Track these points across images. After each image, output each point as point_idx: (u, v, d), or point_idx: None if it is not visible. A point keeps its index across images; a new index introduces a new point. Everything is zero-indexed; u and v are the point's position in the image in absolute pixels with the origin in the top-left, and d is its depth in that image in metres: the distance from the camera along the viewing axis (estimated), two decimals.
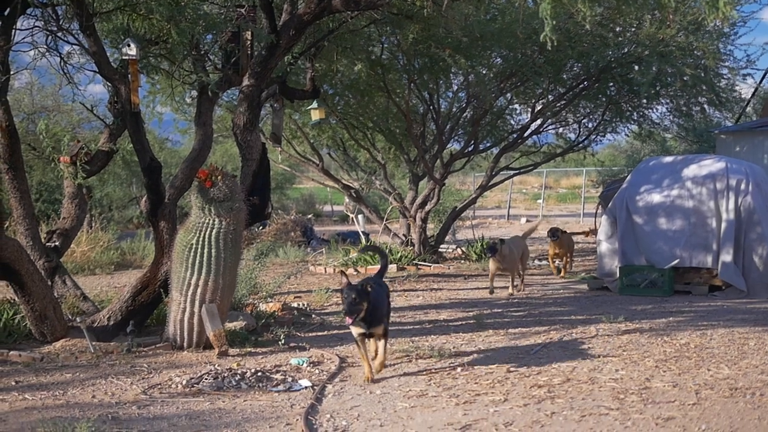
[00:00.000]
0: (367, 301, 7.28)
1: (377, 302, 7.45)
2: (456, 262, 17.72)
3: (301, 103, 15.40)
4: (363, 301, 7.24)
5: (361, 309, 7.25)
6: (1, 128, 9.84)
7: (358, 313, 7.24)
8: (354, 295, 7.21)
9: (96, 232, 19.35)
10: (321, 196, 37.69)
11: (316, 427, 6.18)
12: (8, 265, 8.87)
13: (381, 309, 7.53)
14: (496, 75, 16.05)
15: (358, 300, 7.21)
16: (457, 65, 14.38)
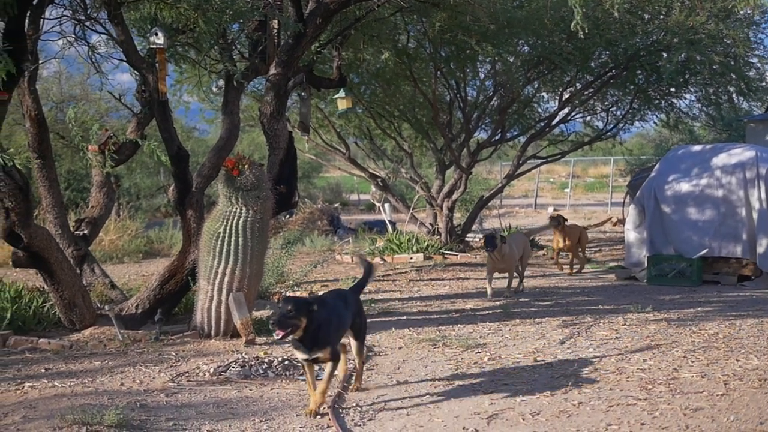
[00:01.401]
0: (307, 317, 5.94)
1: (324, 322, 6.11)
2: (483, 252, 17.65)
3: (327, 92, 15.39)
4: (300, 317, 5.91)
5: (295, 325, 5.89)
6: (30, 117, 9.90)
7: (290, 328, 5.87)
8: (289, 307, 5.90)
9: (124, 220, 19.47)
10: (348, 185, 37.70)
11: (343, 416, 6.18)
12: (37, 253, 8.93)
13: (328, 330, 6.20)
14: (524, 63, 15.97)
15: (294, 314, 5.89)
16: (483, 53, 14.32)
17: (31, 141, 10.05)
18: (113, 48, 10.17)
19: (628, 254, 13.68)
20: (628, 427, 5.76)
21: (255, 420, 6.11)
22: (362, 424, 5.99)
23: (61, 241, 10.05)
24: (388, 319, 10.06)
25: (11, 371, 7.75)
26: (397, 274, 14.52)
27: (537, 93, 18.14)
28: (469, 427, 5.84)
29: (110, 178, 11.06)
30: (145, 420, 6.12)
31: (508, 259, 11.53)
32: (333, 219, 22.88)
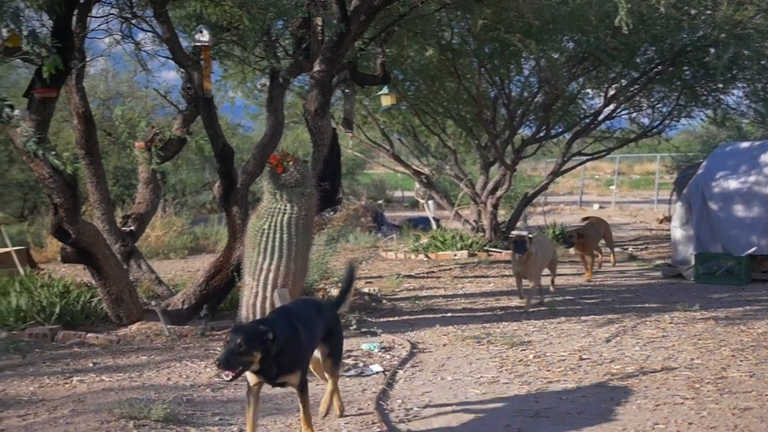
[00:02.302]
0: (261, 350, 4.98)
1: (287, 344, 5.16)
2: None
3: (371, 88, 15.40)
4: (252, 351, 4.95)
5: (247, 362, 4.96)
6: (77, 114, 10.01)
7: (240, 367, 4.93)
8: (239, 340, 4.92)
9: (170, 216, 19.62)
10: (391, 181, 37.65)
11: (388, 412, 6.19)
12: (85, 249, 9.03)
13: (294, 351, 5.26)
14: (568, 59, 15.84)
15: (245, 348, 4.92)
16: (527, 50, 14.23)
17: (78, 138, 10.17)
18: (159, 45, 10.25)
19: (674, 252, 13.54)
20: (675, 427, 5.70)
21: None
22: (407, 420, 5.99)
23: (108, 237, 10.15)
24: (432, 316, 10.05)
25: (60, 365, 7.85)
26: (441, 271, 14.50)
27: (582, 89, 17.99)
28: (514, 424, 5.82)
29: (156, 174, 11.15)
30: (192, 414, 6.16)
31: (532, 263, 10.64)
32: (377, 216, 22.87)
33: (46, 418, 6.17)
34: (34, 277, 10.68)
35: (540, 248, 10.81)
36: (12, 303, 9.54)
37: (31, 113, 8.31)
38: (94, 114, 10.56)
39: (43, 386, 7.13)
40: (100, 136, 11.78)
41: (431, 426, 5.83)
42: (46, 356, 8.26)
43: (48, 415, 6.24)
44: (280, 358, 5.12)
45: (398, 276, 13.00)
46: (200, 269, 10.79)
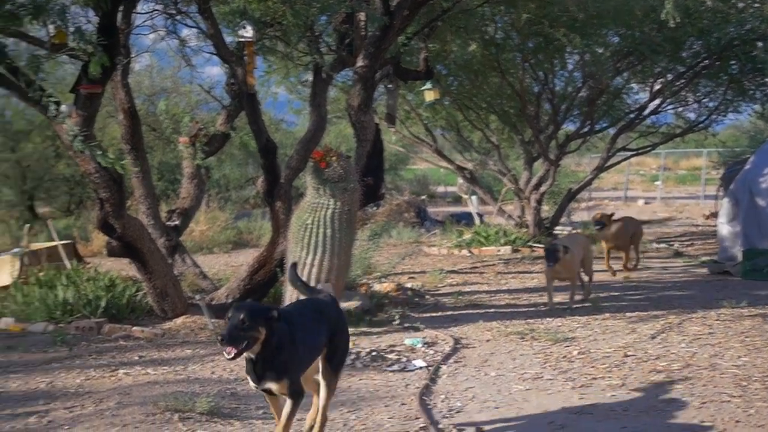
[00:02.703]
0: (267, 327, 4.69)
1: (285, 343, 4.80)
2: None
3: (414, 83, 15.36)
4: (257, 326, 4.65)
5: (252, 338, 4.65)
6: (123, 110, 10.11)
7: (245, 342, 4.63)
8: (242, 316, 4.63)
9: (214, 211, 19.74)
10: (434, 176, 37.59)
11: (431, 408, 6.18)
12: (130, 243, 9.11)
13: (287, 355, 4.81)
14: (613, 54, 15.70)
15: (249, 324, 4.63)
16: (572, 44, 14.13)
17: (124, 133, 10.27)
18: (203, 41, 10.31)
19: (721, 248, 13.39)
20: (721, 424, 5.63)
21: (343, 410, 6.14)
22: (450, 416, 5.97)
23: (153, 231, 10.23)
24: (475, 312, 10.02)
25: (106, 358, 7.94)
26: (484, 266, 14.45)
27: (627, 84, 17.81)
28: (558, 421, 5.78)
29: (201, 169, 11.22)
30: (236, 408, 6.20)
31: (569, 266, 10.26)
32: (420, 211, 22.83)
33: (92, 410, 6.24)
34: (81, 271, 10.80)
35: (574, 246, 10.48)
36: (59, 296, 9.66)
37: (78, 109, 8.39)
38: (139, 109, 10.67)
39: (90, 379, 7.21)
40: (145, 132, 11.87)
41: (474, 421, 5.81)
42: (92, 349, 8.36)
43: (94, 407, 6.31)
44: (273, 356, 4.72)
45: (441, 271, 12.97)
46: (244, 264, 10.84)
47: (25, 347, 8.46)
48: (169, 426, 5.75)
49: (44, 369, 7.60)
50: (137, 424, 5.78)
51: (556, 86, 17.50)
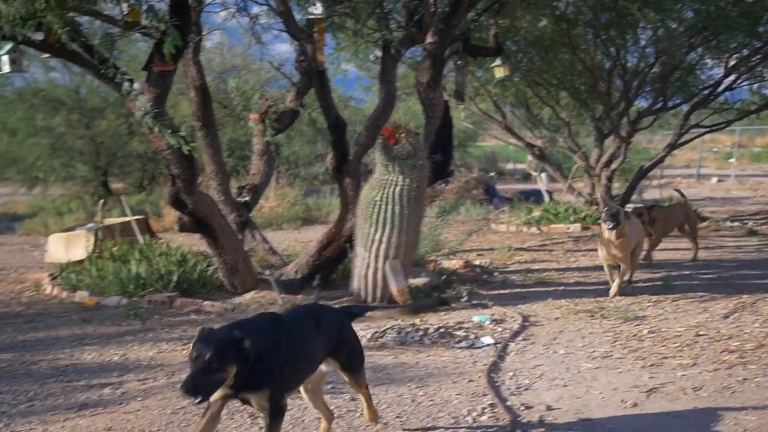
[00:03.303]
0: (238, 362, 4.06)
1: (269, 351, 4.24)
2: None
3: (484, 60, 15.26)
4: (226, 366, 4.02)
5: (220, 380, 4.02)
6: (194, 87, 10.21)
7: (210, 390, 4.02)
8: (209, 356, 3.98)
9: (283, 188, 19.88)
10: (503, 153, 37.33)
11: (499, 385, 6.17)
12: (202, 219, 9.22)
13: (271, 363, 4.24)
14: (687, 29, 15.40)
15: (216, 364, 3.99)
16: (645, 19, 13.89)
17: (195, 110, 10.37)
18: (273, 18, 10.36)
19: None
20: None
21: (411, 386, 6.16)
22: (518, 393, 5.96)
23: (223, 207, 10.34)
24: (544, 290, 9.97)
25: (178, 331, 8.07)
26: (553, 244, 14.35)
27: (701, 60, 17.47)
28: (628, 399, 5.73)
29: (270, 146, 11.29)
30: None
31: (625, 243, 9.43)
32: (488, 188, 22.72)
33: (164, 382, 6.35)
34: (153, 246, 10.97)
35: (631, 226, 9.62)
36: (132, 271, 9.83)
37: (150, 86, 8.50)
38: (209, 87, 10.75)
39: (162, 351, 7.34)
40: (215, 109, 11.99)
41: (542, 399, 5.79)
42: (164, 323, 8.50)
43: (166, 379, 6.42)
44: (252, 368, 4.14)
45: (510, 249, 12.92)
46: (313, 240, 10.91)
47: (99, 320, 8.64)
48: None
49: (118, 342, 7.76)
50: None
51: (628, 62, 17.22)
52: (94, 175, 23.56)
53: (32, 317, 9.03)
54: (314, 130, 25.19)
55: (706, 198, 22.84)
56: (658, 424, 5.25)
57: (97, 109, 23.05)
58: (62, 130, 22.72)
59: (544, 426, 5.23)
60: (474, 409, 5.57)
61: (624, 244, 9.39)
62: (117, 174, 24.81)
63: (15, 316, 9.15)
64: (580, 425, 5.23)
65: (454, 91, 13.42)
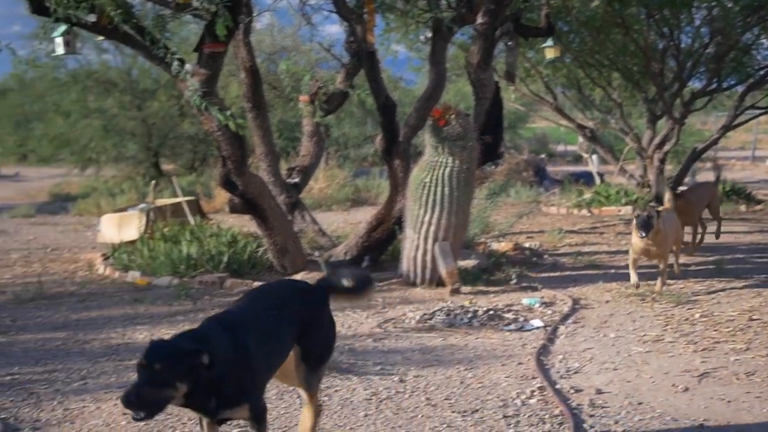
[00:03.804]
0: (189, 380, 3.52)
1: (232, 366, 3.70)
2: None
3: (535, 40, 15.13)
4: (175, 382, 3.50)
5: (165, 398, 3.53)
6: (244, 68, 10.23)
7: (155, 406, 3.53)
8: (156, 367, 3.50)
9: (332, 169, 19.91)
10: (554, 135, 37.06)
11: (548, 368, 6.14)
12: (252, 200, 9.27)
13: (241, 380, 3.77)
14: (743, 8, 15.14)
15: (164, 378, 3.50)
16: None
17: (245, 92, 10.40)
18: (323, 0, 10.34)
19: None
20: None
21: (460, 368, 6.15)
22: (568, 376, 5.93)
23: (273, 188, 10.37)
24: (594, 272, 9.89)
25: None
26: (604, 226, 14.23)
27: (757, 40, 17.16)
28: (679, 384, 5.67)
29: (320, 127, 11.30)
30: (354, 363, 6.27)
31: (661, 239, 8.64)
32: (539, 170, 22.57)
33: None
34: (204, 227, 11.05)
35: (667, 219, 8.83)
36: (183, 251, 9.91)
37: (201, 67, 8.54)
38: (260, 68, 10.77)
39: None
40: (265, 90, 12.01)
41: (592, 383, 5.75)
42: (215, 303, 8.56)
43: None
44: (220, 387, 3.66)
45: (560, 231, 12.82)
46: (362, 221, 10.92)
47: (150, 300, 8.73)
48: None
49: (169, 321, 7.83)
50: None
51: (682, 42, 16.97)
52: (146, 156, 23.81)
53: (85, 297, 9.15)
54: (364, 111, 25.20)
55: (760, 180, 22.49)
56: (710, 409, 5.19)
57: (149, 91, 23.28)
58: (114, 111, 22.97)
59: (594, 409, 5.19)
60: (523, 392, 5.55)
61: (658, 241, 8.55)
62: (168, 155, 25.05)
63: (68, 295, 9.27)
64: (631, 409, 5.19)
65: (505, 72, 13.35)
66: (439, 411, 5.22)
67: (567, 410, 5.11)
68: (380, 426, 4.97)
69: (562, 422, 4.98)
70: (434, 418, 5.10)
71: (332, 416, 5.14)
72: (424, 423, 5.01)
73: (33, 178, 28.85)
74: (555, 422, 4.98)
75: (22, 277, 10.36)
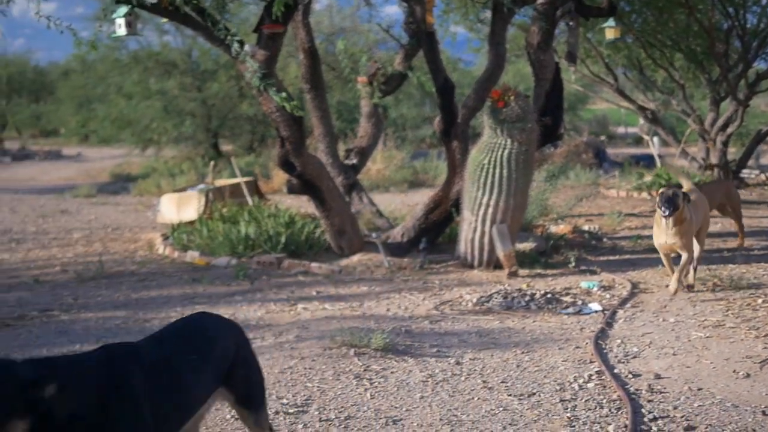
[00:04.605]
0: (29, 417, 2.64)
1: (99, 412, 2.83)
2: (759, 189, 16.77)
3: (596, 21, 14.94)
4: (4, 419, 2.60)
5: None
6: (303, 49, 10.25)
7: None
8: None
9: (390, 150, 19.90)
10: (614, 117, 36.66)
11: (606, 352, 6.08)
12: (310, 181, 9.30)
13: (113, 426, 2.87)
14: None
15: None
16: None
17: (304, 72, 10.42)
18: None
19: None
20: None
21: (517, 351, 6.11)
22: (626, 361, 5.86)
23: (331, 169, 10.40)
24: (654, 256, 9.70)
25: (285, 292, 8.18)
26: None
27: None
28: (740, 370, 5.58)
29: (378, 108, 11.29)
30: (410, 345, 6.27)
31: (685, 228, 7.64)
32: (598, 152, 22.34)
33: (272, 342, 6.44)
34: (262, 208, 11.12)
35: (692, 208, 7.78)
36: (241, 232, 9.98)
37: (260, 48, 8.57)
38: (318, 49, 10.78)
39: (270, 312, 7.45)
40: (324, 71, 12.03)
41: (651, 368, 5.68)
42: (272, 283, 8.62)
43: (274, 339, 6.52)
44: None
45: (619, 214, 12.68)
46: (419, 203, 10.91)
47: (209, 280, 8.81)
48: (345, 361, 5.87)
49: (227, 301, 7.90)
50: (315, 358, 5.94)
51: (747, 22, 16.67)
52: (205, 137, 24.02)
53: (145, 276, 9.27)
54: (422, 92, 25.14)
55: None
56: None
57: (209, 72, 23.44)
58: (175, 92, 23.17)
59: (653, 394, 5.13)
60: (580, 376, 5.50)
61: (683, 230, 7.59)
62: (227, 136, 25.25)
63: (129, 274, 9.40)
64: (690, 395, 5.12)
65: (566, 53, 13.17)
66: (495, 394, 5.20)
67: (625, 395, 5.06)
68: (436, 408, 4.96)
69: (620, 407, 4.93)
70: (490, 401, 5.08)
71: (388, 397, 5.15)
72: (480, 406, 4.99)
73: (94, 158, 29.29)
74: (613, 407, 4.94)
75: (84, 256, 10.53)
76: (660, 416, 4.78)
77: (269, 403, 4.55)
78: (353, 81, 11.02)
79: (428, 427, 4.69)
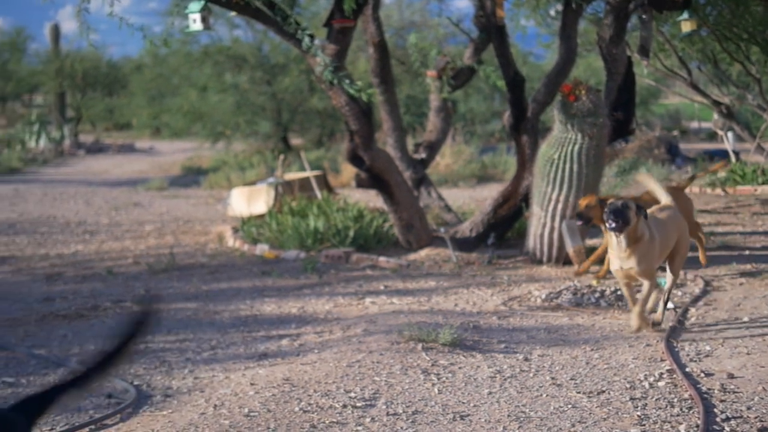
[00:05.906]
0: None
1: None
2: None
3: (670, 14, 14.72)
4: None
5: None
6: (372, 43, 10.27)
7: None
8: None
9: (459, 145, 19.85)
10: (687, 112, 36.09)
11: (678, 351, 5.98)
12: (378, 175, 9.32)
13: None
14: None
15: None
16: None
17: (373, 66, 10.44)
18: None
19: None
20: None
21: (586, 348, 6.05)
22: (698, 360, 5.76)
23: (400, 164, 10.40)
24: (728, 254, 9.58)
25: (353, 286, 8.21)
26: (739, 206, 13.78)
27: None
28: None
29: (447, 103, 11.26)
30: (478, 341, 6.25)
31: (644, 252, 6.20)
32: (671, 147, 22.01)
33: (340, 336, 6.47)
34: (331, 202, 11.17)
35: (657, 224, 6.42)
36: (310, 225, 10.04)
37: (330, 42, 8.61)
38: (388, 43, 10.79)
39: (338, 306, 7.48)
40: (393, 65, 12.04)
41: (723, 367, 5.58)
42: (340, 277, 8.66)
43: (342, 333, 6.54)
44: None
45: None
46: (488, 198, 10.86)
47: (278, 273, 8.88)
48: (413, 355, 5.86)
49: (296, 295, 7.95)
50: (382, 352, 5.94)
51: None
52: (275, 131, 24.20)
53: (215, 268, 9.37)
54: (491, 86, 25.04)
55: None
56: None
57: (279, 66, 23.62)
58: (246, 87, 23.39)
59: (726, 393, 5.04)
60: (651, 374, 5.42)
61: (641, 252, 6.19)
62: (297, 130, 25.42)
63: (199, 267, 9.51)
64: (765, 395, 5.01)
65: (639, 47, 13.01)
66: (564, 391, 5.15)
67: (697, 394, 4.97)
68: (504, 404, 4.94)
69: (692, 406, 4.85)
70: (559, 398, 5.04)
71: (456, 393, 5.13)
72: (549, 403, 4.95)
73: (166, 152, 29.68)
74: (684, 406, 4.86)
75: (155, 248, 10.68)
76: (733, 416, 4.69)
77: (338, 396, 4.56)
78: (422, 75, 11.02)
79: (496, 423, 4.66)
